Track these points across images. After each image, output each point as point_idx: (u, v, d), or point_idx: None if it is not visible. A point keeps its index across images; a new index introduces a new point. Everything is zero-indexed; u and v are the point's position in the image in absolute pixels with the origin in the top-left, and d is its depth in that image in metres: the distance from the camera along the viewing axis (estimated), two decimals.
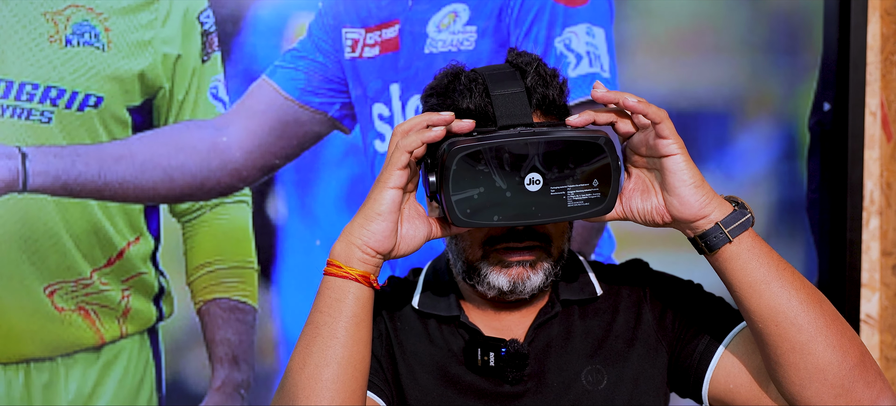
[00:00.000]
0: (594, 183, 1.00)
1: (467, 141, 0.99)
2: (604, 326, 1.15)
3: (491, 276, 1.09)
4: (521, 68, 1.07)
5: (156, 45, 1.47)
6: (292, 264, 1.53)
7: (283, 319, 1.54)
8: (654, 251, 1.60)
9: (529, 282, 1.09)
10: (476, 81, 1.07)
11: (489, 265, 1.09)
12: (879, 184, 1.69)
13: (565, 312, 1.15)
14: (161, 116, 1.49)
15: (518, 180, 0.99)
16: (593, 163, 0.99)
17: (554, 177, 0.99)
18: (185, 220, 1.51)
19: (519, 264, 1.08)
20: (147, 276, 1.51)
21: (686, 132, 1.62)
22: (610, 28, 1.56)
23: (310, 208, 1.53)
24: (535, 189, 0.99)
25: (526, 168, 0.99)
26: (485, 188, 0.99)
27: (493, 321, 1.15)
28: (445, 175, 0.98)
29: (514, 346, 1.11)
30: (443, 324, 1.15)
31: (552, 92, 1.08)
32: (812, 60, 1.63)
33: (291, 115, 1.52)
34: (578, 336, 1.14)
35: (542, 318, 1.14)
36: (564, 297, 1.16)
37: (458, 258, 1.12)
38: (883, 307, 1.70)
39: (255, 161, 1.51)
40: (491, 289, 1.10)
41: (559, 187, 0.99)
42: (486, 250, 1.09)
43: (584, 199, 1.00)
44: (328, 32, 1.53)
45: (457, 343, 1.14)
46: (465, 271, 1.11)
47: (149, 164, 1.49)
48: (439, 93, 1.10)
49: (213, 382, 1.52)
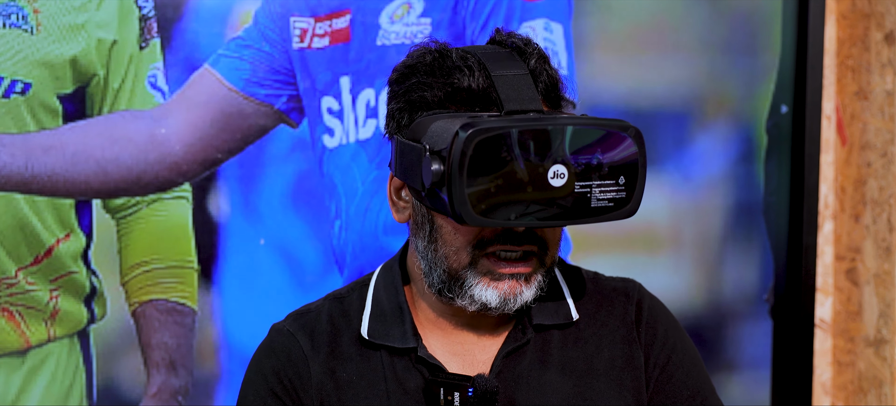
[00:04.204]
0: (620, 180, 0.86)
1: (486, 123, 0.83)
2: (586, 359, 0.97)
3: (476, 290, 0.90)
4: (520, 48, 0.91)
5: (89, 30, 1.34)
6: (235, 264, 1.41)
7: (224, 322, 1.42)
8: (610, 254, 1.52)
9: (521, 297, 0.91)
10: (470, 59, 0.90)
11: (477, 275, 0.91)
12: (834, 188, 1.64)
13: (540, 339, 0.97)
14: (95, 105, 1.36)
15: (541, 173, 0.83)
16: (622, 158, 0.85)
17: (581, 170, 0.84)
18: (119, 217, 1.38)
19: (512, 277, 0.90)
20: (78, 275, 1.37)
21: (645, 132, 1.54)
22: (568, 24, 1.48)
23: (254, 205, 1.41)
24: (559, 184, 0.84)
25: (550, 158, 0.84)
26: (504, 181, 0.83)
27: (456, 346, 0.96)
28: (460, 163, 0.81)
29: (483, 385, 0.91)
30: (396, 357, 0.96)
31: (556, 76, 0.92)
32: (770, 62, 1.56)
33: (235, 107, 1.40)
34: (555, 369, 0.96)
35: (513, 346, 0.96)
36: (538, 322, 0.97)
37: (435, 266, 0.93)
38: (836, 311, 1.65)
39: (195, 155, 1.39)
40: (474, 303, 0.92)
41: (585, 183, 0.85)
42: (475, 256, 0.91)
43: (608, 199, 0.86)
44: (275, 21, 1.41)
45: (413, 381, 0.95)
46: (445, 282, 0.92)
47: (81, 155, 1.35)
48: (426, 71, 0.91)
49: (148, 389, 1.39)
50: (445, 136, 0.85)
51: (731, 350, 1.58)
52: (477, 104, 0.89)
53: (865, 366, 1.61)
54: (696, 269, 1.55)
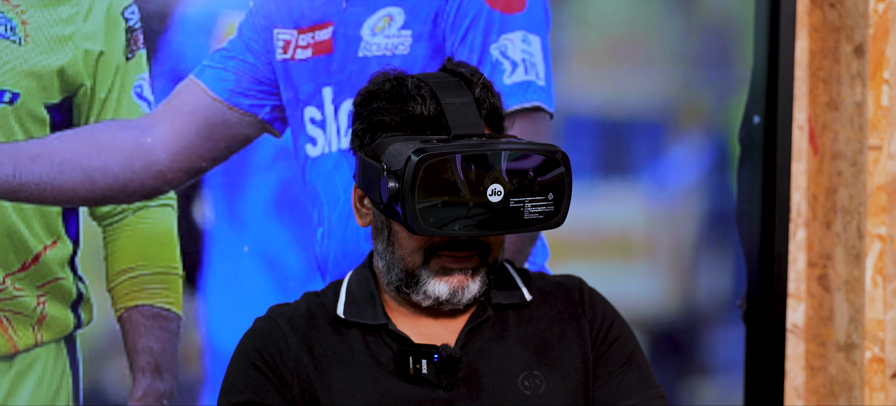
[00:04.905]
0: (549, 196, 0.98)
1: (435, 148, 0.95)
2: (540, 333, 1.10)
3: (430, 285, 1.04)
4: (466, 78, 1.04)
5: (77, 41, 1.36)
6: (219, 271, 1.43)
7: (208, 327, 1.44)
8: (586, 261, 1.54)
9: (468, 290, 1.04)
10: (423, 88, 1.03)
11: (429, 273, 1.04)
12: (806, 196, 1.67)
13: (498, 317, 1.10)
14: (82, 115, 1.38)
15: (481, 190, 0.96)
16: (550, 176, 0.98)
17: (514, 189, 0.96)
18: (106, 224, 1.40)
19: (461, 271, 1.04)
20: (65, 281, 1.39)
21: (620, 142, 1.57)
22: (546, 36, 1.50)
23: (238, 213, 1.43)
24: (496, 199, 0.96)
25: (489, 179, 0.96)
26: (449, 197, 0.96)
27: (422, 328, 1.08)
28: (412, 183, 0.94)
29: (447, 351, 1.05)
30: (368, 334, 1.08)
31: (496, 102, 1.05)
32: (743, 73, 1.59)
33: (219, 116, 1.42)
34: (513, 340, 1.09)
35: (474, 323, 1.09)
36: (496, 301, 1.10)
37: (393, 266, 1.06)
38: (808, 317, 1.67)
39: (180, 163, 1.41)
40: (427, 298, 1.05)
41: (518, 199, 0.97)
42: (426, 257, 1.04)
43: (539, 212, 0.98)
44: (259, 33, 1.44)
45: (384, 354, 1.07)
46: (402, 280, 1.05)
47: (68, 164, 1.37)
48: (384, 97, 1.05)
49: (134, 393, 1.41)
50: (400, 158, 0.98)
51: (705, 355, 1.60)
52: (428, 128, 1.03)
53: (836, 370, 1.64)
54: (670, 276, 1.58)
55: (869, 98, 1.58)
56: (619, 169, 1.55)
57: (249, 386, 1.06)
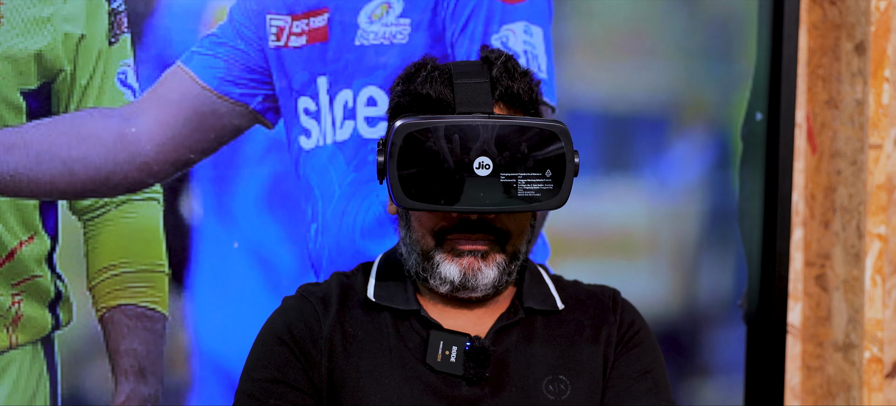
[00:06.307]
0: (547, 173, 0.93)
1: (417, 118, 0.93)
2: (568, 338, 1.06)
3: (443, 267, 1.00)
4: (490, 61, 1.00)
5: (56, 23, 1.27)
6: (207, 268, 1.35)
7: (196, 328, 1.35)
8: (587, 259, 1.49)
9: (481, 275, 1.00)
10: (442, 70, 1.00)
11: (442, 253, 1.00)
12: (804, 195, 1.63)
13: (528, 320, 1.06)
14: (61, 103, 1.29)
15: (467, 163, 0.92)
16: (548, 152, 0.93)
17: (504, 163, 0.92)
18: (86, 218, 1.31)
19: (470, 254, 1.00)
20: (42, 279, 1.29)
21: (622, 138, 1.52)
22: (548, 27, 1.44)
23: (227, 208, 1.35)
24: (484, 174, 0.92)
25: (476, 151, 0.92)
26: (431, 168, 0.92)
27: (451, 320, 1.05)
28: (392, 153, 0.91)
29: (479, 342, 1.01)
30: (398, 319, 1.05)
31: (518, 86, 1.00)
32: (746, 69, 1.55)
33: (209, 106, 1.34)
34: (540, 345, 1.05)
35: (505, 323, 1.05)
36: (528, 305, 1.07)
37: (412, 250, 1.03)
38: (805, 317, 1.64)
39: (167, 155, 1.32)
40: (443, 282, 1.01)
41: (510, 175, 0.92)
42: (437, 239, 1.01)
43: (535, 190, 0.93)
44: (251, 18, 1.36)
45: (413, 339, 1.03)
46: (419, 263, 1.02)
47: (46, 154, 1.28)
48: (404, 80, 1.04)
49: (116, 397, 1.32)
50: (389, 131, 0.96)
51: (707, 355, 1.56)
52: (435, 108, 0.99)
53: (834, 370, 1.61)
54: (672, 275, 1.53)
55: (870, 96, 1.55)
56: (621, 165, 1.50)
57: (274, 362, 1.03)
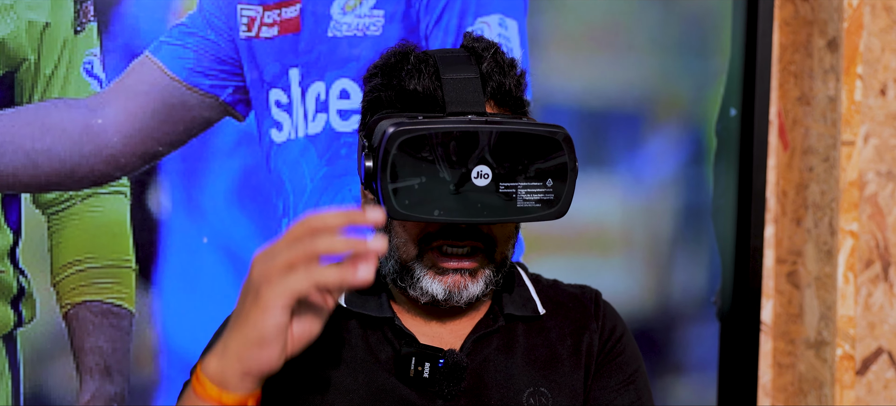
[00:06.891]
0: (548, 183, 0.88)
1: (411, 125, 0.86)
2: (549, 347, 1.01)
3: (424, 281, 0.93)
4: (478, 53, 0.94)
5: (19, 10, 1.22)
6: (175, 264, 1.31)
7: (164, 325, 1.32)
8: (561, 255, 1.48)
9: (466, 292, 0.94)
10: (426, 62, 0.93)
11: (423, 267, 0.93)
12: (775, 192, 1.63)
13: (508, 327, 1.00)
14: (24, 92, 1.24)
15: (464, 172, 0.86)
16: (549, 160, 0.87)
17: (504, 172, 0.86)
18: (51, 212, 1.27)
19: (456, 272, 0.93)
20: (4, 274, 1.25)
21: (597, 133, 1.51)
22: (523, 20, 1.42)
23: (197, 202, 1.32)
24: (482, 184, 0.86)
25: (474, 160, 0.86)
26: (427, 179, 0.85)
27: (426, 328, 0.99)
28: (384, 161, 0.85)
29: (453, 358, 0.95)
30: (369, 329, 0.98)
31: (509, 81, 0.94)
32: (720, 65, 1.54)
33: (177, 97, 1.30)
34: (521, 354, 1.00)
35: (483, 331, 0.99)
36: (509, 312, 1.01)
37: (389, 257, 0.96)
38: (777, 314, 1.64)
39: (134, 147, 1.29)
40: (424, 295, 0.95)
41: (509, 184, 0.87)
42: (421, 249, 0.94)
43: (535, 200, 0.88)
44: (221, 8, 1.32)
45: (385, 351, 0.97)
46: (397, 272, 0.95)
47: (8, 146, 1.24)
48: (384, 71, 0.96)
49: (81, 396, 1.28)
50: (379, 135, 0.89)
51: (680, 352, 1.56)
52: (423, 106, 0.92)
53: (806, 367, 1.61)
54: (646, 271, 1.52)
55: (842, 93, 1.55)
56: (595, 161, 1.48)
57: None
